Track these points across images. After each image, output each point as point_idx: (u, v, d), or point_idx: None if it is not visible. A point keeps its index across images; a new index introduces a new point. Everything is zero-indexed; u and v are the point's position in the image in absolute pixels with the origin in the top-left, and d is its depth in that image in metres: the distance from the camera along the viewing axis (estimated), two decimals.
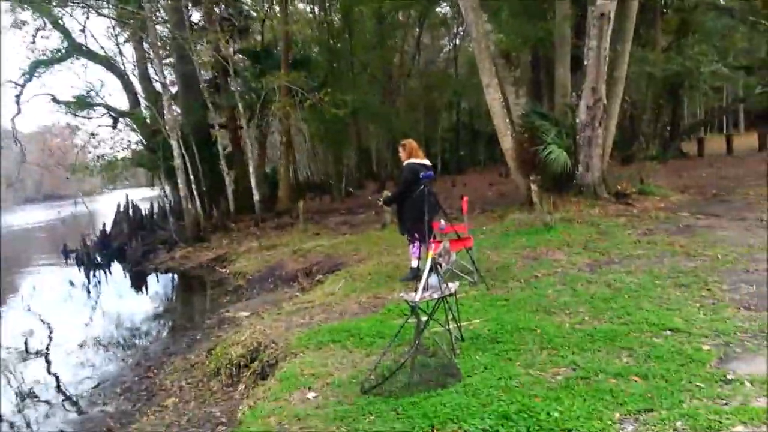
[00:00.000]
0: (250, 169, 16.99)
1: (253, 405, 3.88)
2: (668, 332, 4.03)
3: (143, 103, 20.07)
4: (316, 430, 3.19)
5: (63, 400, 5.93)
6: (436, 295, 4.08)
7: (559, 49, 13.21)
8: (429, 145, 27.61)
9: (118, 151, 18.79)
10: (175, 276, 12.87)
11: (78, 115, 19.92)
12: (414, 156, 6.68)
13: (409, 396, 3.37)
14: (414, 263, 6.85)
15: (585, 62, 10.69)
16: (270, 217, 17.54)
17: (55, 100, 20.01)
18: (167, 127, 15.47)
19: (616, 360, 3.63)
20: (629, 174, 13.07)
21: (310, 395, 3.75)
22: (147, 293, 11.68)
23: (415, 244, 6.86)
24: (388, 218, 12.05)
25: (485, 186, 20.07)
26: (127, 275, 13.96)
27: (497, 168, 24.87)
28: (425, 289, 4.20)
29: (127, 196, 20.20)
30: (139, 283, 12.87)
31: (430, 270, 4.23)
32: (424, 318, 4.00)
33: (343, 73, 23.73)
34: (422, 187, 6.16)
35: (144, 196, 24.76)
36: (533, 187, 10.87)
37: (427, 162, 6.77)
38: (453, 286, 4.30)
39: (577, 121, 11.07)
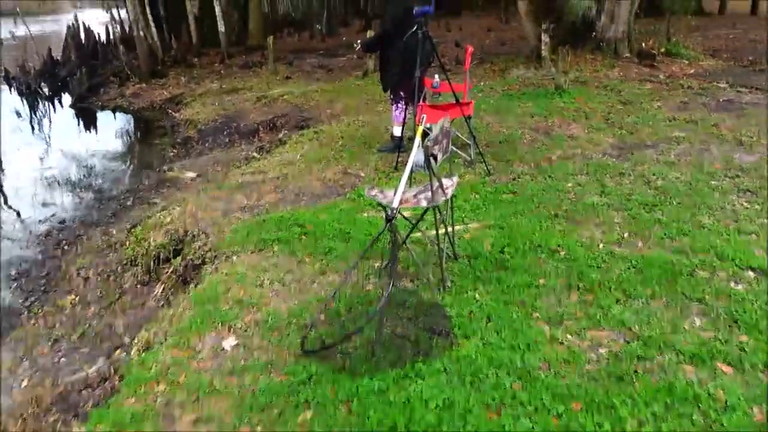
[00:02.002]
0: None
1: (145, 350, 2.67)
2: (750, 273, 2.82)
3: None
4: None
5: None
6: (425, 203, 2.74)
7: None
8: None
9: None
10: (121, 117, 11.19)
11: None
12: None
13: (371, 374, 2.17)
14: (396, 131, 5.40)
15: None
16: (239, 53, 15.43)
17: None
18: None
19: (685, 324, 2.43)
20: (655, 30, 11.20)
21: (228, 343, 2.55)
22: (83, 137, 10.05)
23: (400, 105, 5.36)
24: (371, 64, 10.26)
25: (483, 32, 17.82)
26: (66, 112, 12.19)
27: (496, 12, 22.25)
28: (409, 181, 2.87)
29: (76, 16, 17.56)
30: (79, 122, 11.21)
31: (423, 154, 2.84)
32: (406, 223, 2.72)
33: None
34: (415, 27, 4.53)
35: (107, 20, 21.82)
36: (544, 37, 9.10)
37: None
38: (450, 184, 2.94)
39: None
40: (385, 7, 5.43)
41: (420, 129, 2.96)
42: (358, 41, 5.49)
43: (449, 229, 3.13)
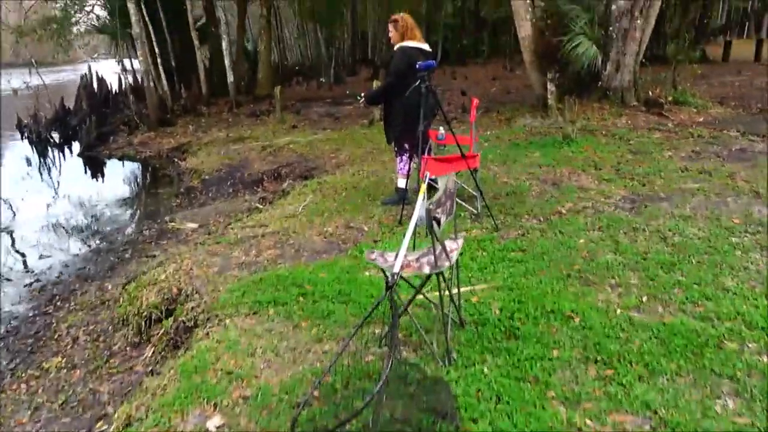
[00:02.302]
0: (224, 45, 14.75)
1: (125, 426, 2.46)
2: None
3: None
4: None
5: None
6: (427, 269, 2.56)
7: None
8: (430, 31, 24.81)
9: (73, 14, 16.16)
10: (128, 165, 11.20)
11: None
12: (409, 37, 4.86)
13: None
14: (401, 183, 5.27)
15: None
16: (247, 102, 15.62)
17: None
18: None
19: (717, 406, 2.20)
20: (661, 78, 11.18)
21: (212, 423, 2.33)
22: (89, 185, 10.02)
23: (404, 158, 5.25)
24: (377, 114, 10.27)
25: (488, 80, 17.98)
26: (74, 161, 12.24)
27: (501, 61, 22.56)
28: (413, 239, 2.68)
29: (90, 67, 17.90)
30: (86, 170, 11.23)
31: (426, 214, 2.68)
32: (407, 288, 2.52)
33: None
34: (419, 81, 4.46)
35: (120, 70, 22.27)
36: (550, 86, 9.09)
37: (425, 46, 4.97)
38: (455, 247, 2.76)
39: (613, 7, 8.99)
40: (390, 60, 5.39)
41: (424, 185, 2.82)
42: (362, 94, 5.43)
43: (455, 291, 2.94)
